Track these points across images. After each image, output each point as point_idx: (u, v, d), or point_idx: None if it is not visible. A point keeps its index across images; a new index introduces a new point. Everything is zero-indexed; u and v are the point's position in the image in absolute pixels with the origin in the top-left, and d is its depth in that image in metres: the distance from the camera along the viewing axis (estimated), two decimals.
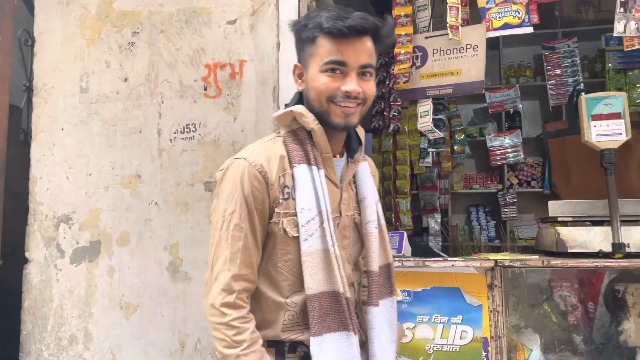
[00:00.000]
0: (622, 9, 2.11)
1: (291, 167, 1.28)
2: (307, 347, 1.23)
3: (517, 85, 4.64)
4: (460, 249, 4.21)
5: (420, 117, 2.23)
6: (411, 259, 1.99)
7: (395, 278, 2.01)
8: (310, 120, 1.27)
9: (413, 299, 1.99)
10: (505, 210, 4.77)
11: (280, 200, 1.26)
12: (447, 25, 2.10)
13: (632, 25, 2.09)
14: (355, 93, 1.23)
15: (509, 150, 4.64)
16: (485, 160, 4.82)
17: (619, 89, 4.29)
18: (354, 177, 1.39)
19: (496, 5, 2.09)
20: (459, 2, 2.12)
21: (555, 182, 3.18)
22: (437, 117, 3.48)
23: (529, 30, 2.10)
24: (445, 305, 1.98)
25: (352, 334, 1.24)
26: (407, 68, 2.17)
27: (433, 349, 1.97)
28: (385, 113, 4.44)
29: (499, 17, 2.09)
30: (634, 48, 2.13)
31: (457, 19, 2.10)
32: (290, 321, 1.26)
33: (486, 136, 4.75)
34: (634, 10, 2.06)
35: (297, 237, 1.25)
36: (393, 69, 3.30)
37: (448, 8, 2.11)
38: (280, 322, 1.25)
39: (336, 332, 1.23)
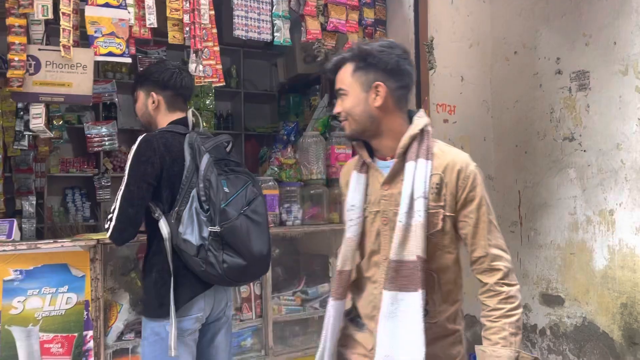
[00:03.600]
0: (194, 55, 2.95)
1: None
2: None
3: (114, 80, 5.14)
4: (57, 229, 4.49)
5: (33, 118, 2.53)
6: (24, 242, 2.32)
7: (7, 260, 2.36)
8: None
9: (25, 276, 2.33)
10: (101, 192, 5.28)
11: None
12: (60, 44, 2.48)
13: (200, 67, 2.96)
14: (336, 113, 1.64)
15: (105, 139, 5.09)
16: (82, 146, 5.15)
17: (196, 96, 5.51)
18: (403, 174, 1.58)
19: (103, 35, 2.58)
20: (71, 25, 2.52)
21: None
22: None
23: (128, 60, 2.69)
24: (54, 279, 2.40)
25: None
26: (21, 74, 2.43)
27: (42, 315, 2.37)
28: None
29: (105, 46, 2.58)
30: (201, 84, 3.01)
31: (69, 40, 2.50)
32: None
33: (84, 124, 5.09)
34: (201, 59, 2.93)
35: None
36: None
37: (61, 29, 2.48)
38: None
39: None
